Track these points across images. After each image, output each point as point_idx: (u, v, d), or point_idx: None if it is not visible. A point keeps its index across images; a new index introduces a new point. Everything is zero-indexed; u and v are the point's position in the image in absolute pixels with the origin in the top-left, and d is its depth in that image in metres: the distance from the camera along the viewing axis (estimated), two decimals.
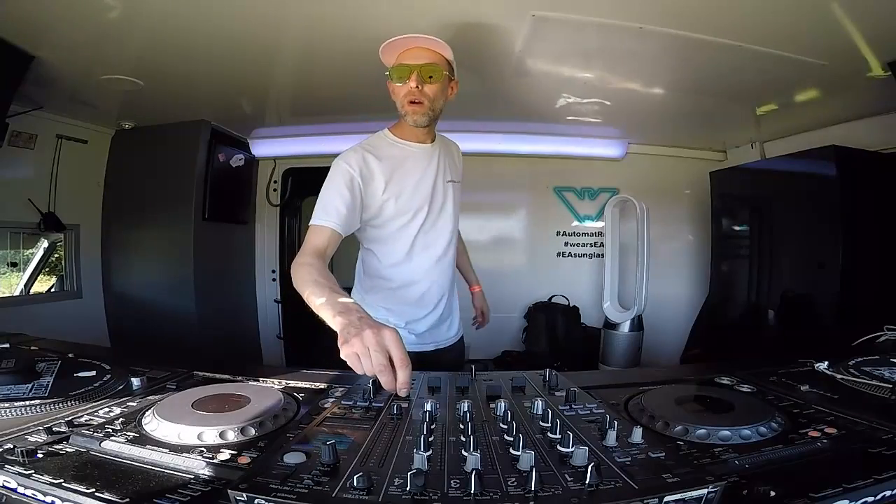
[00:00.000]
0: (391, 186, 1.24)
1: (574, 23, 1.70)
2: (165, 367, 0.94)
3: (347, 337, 0.75)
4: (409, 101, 1.21)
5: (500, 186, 3.39)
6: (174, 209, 2.99)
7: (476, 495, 0.46)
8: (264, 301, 3.65)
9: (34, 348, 1.09)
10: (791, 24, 1.62)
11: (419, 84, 1.19)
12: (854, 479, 0.50)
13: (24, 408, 0.70)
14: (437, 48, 1.21)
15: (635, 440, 0.56)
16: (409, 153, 1.30)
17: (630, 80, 2.27)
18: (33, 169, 2.65)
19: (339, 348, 0.75)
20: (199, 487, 0.51)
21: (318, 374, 0.96)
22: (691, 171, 3.38)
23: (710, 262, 3.26)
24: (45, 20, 1.66)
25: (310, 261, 1.06)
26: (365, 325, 0.76)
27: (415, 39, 1.20)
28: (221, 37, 1.82)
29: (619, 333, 3.16)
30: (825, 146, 2.25)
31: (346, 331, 0.76)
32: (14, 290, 2.84)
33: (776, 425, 0.64)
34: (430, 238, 1.34)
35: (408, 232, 1.30)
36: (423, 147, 1.32)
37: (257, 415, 0.68)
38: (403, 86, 1.21)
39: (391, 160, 1.25)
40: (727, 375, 0.89)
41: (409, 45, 1.21)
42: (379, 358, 0.72)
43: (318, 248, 1.11)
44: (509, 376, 0.84)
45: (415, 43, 1.21)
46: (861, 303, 2.04)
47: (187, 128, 2.94)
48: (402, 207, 1.27)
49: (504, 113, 2.87)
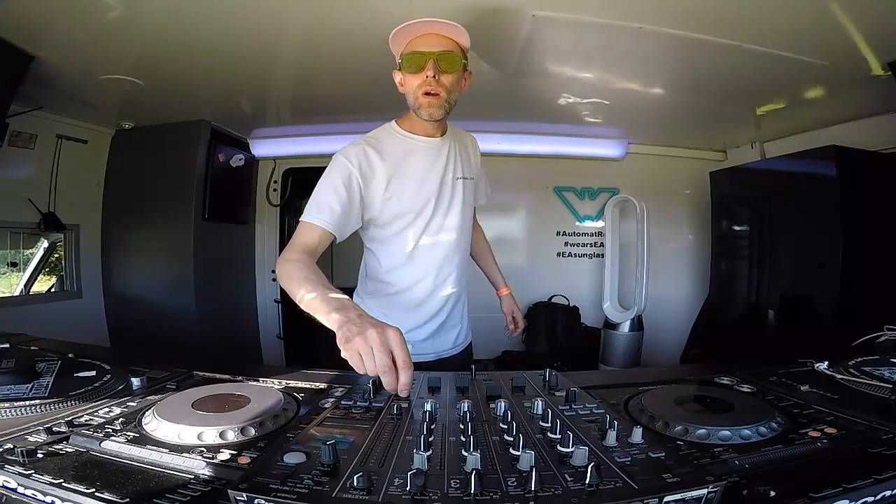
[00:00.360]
0: (394, 184, 1.15)
1: (574, 23, 1.70)
2: (165, 367, 0.94)
3: (349, 335, 0.73)
4: (424, 92, 1.10)
5: (500, 186, 3.37)
6: (174, 209, 2.99)
7: (476, 495, 0.46)
8: (264, 301, 3.65)
9: (34, 348, 1.09)
10: (791, 24, 1.62)
11: (436, 73, 1.08)
12: (854, 479, 0.50)
13: (24, 408, 0.70)
14: (454, 34, 1.10)
15: (635, 440, 0.56)
16: (415, 147, 1.20)
17: (630, 80, 2.27)
18: (33, 169, 2.65)
19: (339, 347, 0.75)
20: (199, 487, 0.51)
21: (318, 374, 0.96)
22: (691, 171, 3.38)
23: (710, 262, 3.26)
24: (45, 20, 1.66)
25: (297, 257, 1.00)
26: (367, 324, 0.75)
27: (430, 24, 1.09)
28: (221, 36, 1.81)
29: (619, 333, 3.16)
30: (825, 146, 2.25)
31: (345, 329, 0.75)
32: (14, 290, 2.84)
33: (776, 425, 0.64)
34: (435, 240, 1.24)
35: (410, 233, 1.20)
36: (431, 141, 1.21)
37: (257, 415, 0.68)
38: (417, 76, 1.10)
39: (395, 155, 1.16)
40: (727, 375, 0.89)
41: (423, 30, 1.09)
42: (383, 358, 0.71)
43: (306, 245, 1.04)
44: (509, 376, 0.84)
45: (430, 28, 1.09)
46: (861, 303, 2.04)
47: (187, 128, 2.94)
48: (405, 207, 1.18)
49: (504, 113, 2.87)
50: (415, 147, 1.20)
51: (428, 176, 1.20)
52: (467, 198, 1.29)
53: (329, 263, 3.03)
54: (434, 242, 1.24)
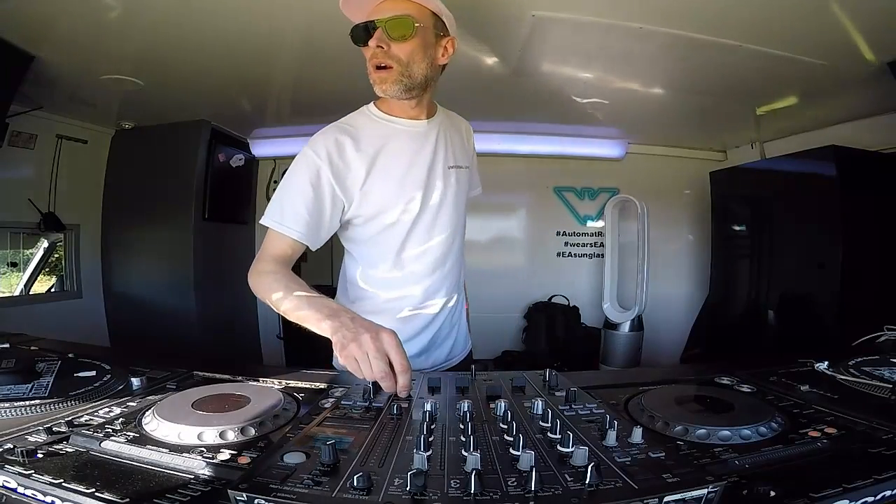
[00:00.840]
0: (373, 176, 0.99)
1: (574, 23, 1.71)
2: (165, 367, 0.94)
3: (343, 342, 0.73)
4: (374, 66, 0.96)
5: (500, 186, 3.39)
6: (174, 209, 2.99)
7: (476, 495, 0.46)
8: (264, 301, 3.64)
9: (34, 348, 1.09)
10: (791, 24, 1.62)
11: (383, 44, 0.93)
12: (854, 479, 0.50)
13: (24, 408, 0.70)
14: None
15: (635, 440, 0.56)
16: (397, 132, 1.04)
17: (630, 80, 2.27)
18: (33, 169, 2.65)
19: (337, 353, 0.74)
20: (199, 487, 0.51)
21: (318, 374, 0.95)
22: (691, 171, 3.38)
23: (710, 262, 3.26)
24: (45, 20, 1.66)
25: (271, 268, 0.93)
26: (361, 329, 0.74)
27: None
28: (221, 36, 1.82)
29: (619, 333, 3.17)
30: (825, 146, 2.25)
31: (340, 335, 0.74)
32: (14, 290, 2.84)
33: (776, 425, 0.64)
34: (425, 240, 1.07)
35: (395, 232, 1.04)
36: (416, 124, 1.05)
37: (257, 415, 0.68)
38: (367, 49, 0.96)
39: (374, 141, 1.01)
40: (727, 375, 0.89)
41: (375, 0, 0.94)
42: (379, 364, 0.70)
43: (277, 256, 0.95)
44: (509, 376, 0.84)
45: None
46: (861, 303, 2.04)
47: (187, 128, 2.95)
48: (387, 202, 1.02)
49: (504, 113, 2.87)
50: (396, 132, 1.04)
51: (413, 165, 1.04)
52: (461, 190, 1.13)
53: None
54: (423, 243, 1.08)
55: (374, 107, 1.07)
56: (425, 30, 0.95)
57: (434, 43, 0.99)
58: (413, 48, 0.95)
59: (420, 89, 1.00)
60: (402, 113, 1.05)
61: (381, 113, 1.06)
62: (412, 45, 0.95)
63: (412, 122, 1.06)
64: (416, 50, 0.95)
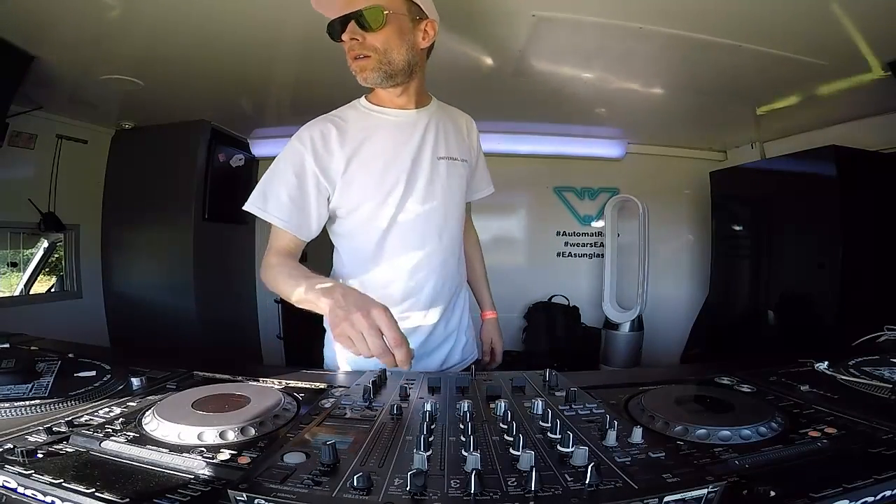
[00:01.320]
0: (354, 164, 0.99)
1: (574, 23, 1.71)
2: (165, 367, 0.94)
3: (335, 320, 0.73)
4: (353, 56, 0.97)
5: (501, 186, 3.36)
6: (174, 209, 2.99)
7: (476, 495, 0.46)
8: (264, 301, 3.65)
9: (34, 348, 1.09)
10: (791, 24, 1.62)
11: (356, 35, 0.94)
12: (854, 479, 0.50)
13: (24, 408, 0.70)
14: None
15: (635, 440, 0.56)
16: (383, 122, 1.04)
17: (630, 80, 2.27)
18: (33, 169, 2.65)
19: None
20: (199, 487, 0.51)
21: (318, 374, 0.95)
22: (691, 171, 3.38)
23: (710, 262, 3.26)
24: (45, 20, 1.66)
25: (276, 260, 0.96)
26: (351, 306, 0.73)
27: None
28: (221, 36, 1.82)
29: (619, 333, 3.17)
30: (825, 146, 2.25)
31: (332, 314, 0.74)
32: (14, 290, 2.84)
33: (776, 425, 0.64)
34: (411, 232, 1.04)
35: (374, 225, 1.02)
36: (404, 114, 1.05)
37: (257, 415, 0.68)
38: (344, 43, 0.97)
39: (359, 132, 1.01)
40: (727, 375, 0.89)
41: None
42: (374, 341, 0.69)
43: (281, 249, 0.98)
44: (509, 376, 0.84)
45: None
46: (861, 303, 2.04)
47: (187, 128, 2.95)
48: (369, 191, 1.00)
49: (504, 113, 2.87)
50: (383, 122, 1.04)
51: (397, 154, 1.03)
52: (453, 182, 1.09)
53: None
54: (410, 234, 1.04)
55: (365, 99, 1.08)
56: (398, 16, 0.95)
57: (411, 28, 0.98)
58: (387, 36, 0.95)
59: (404, 75, 1.00)
60: (390, 103, 1.05)
61: (370, 105, 1.06)
62: (386, 33, 0.95)
63: (399, 112, 1.06)
64: (390, 37, 0.96)
